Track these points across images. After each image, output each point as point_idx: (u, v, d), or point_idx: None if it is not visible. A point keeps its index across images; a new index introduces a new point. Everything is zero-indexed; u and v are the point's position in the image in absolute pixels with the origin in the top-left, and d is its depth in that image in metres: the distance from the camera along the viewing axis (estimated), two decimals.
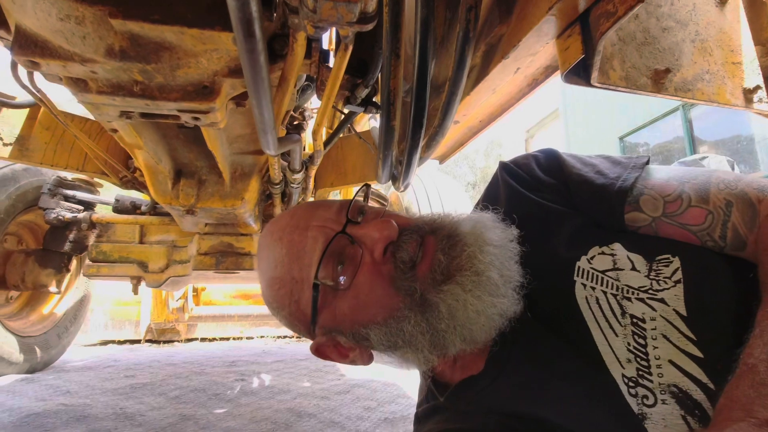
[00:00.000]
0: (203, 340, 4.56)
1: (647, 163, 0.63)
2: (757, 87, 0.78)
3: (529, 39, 0.67)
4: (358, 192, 0.61)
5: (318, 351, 0.59)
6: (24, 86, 1.02)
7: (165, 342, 4.33)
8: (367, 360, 0.60)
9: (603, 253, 0.56)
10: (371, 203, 0.65)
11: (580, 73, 0.68)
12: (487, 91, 0.85)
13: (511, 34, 0.71)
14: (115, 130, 1.19)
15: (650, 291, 0.53)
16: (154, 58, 0.76)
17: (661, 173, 0.61)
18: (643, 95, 0.73)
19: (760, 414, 0.37)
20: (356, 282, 0.53)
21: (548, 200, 0.63)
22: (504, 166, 0.70)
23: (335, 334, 0.57)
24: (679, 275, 0.53)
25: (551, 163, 0.67)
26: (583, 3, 0.60)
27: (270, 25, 0.82)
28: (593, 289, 0.55)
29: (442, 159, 1.51)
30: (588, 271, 0.56)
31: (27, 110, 1.45)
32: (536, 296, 0.56)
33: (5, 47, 0.97)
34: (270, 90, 0.55)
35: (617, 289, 0.54)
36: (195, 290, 4.41)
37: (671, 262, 0.55)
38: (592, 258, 0.57)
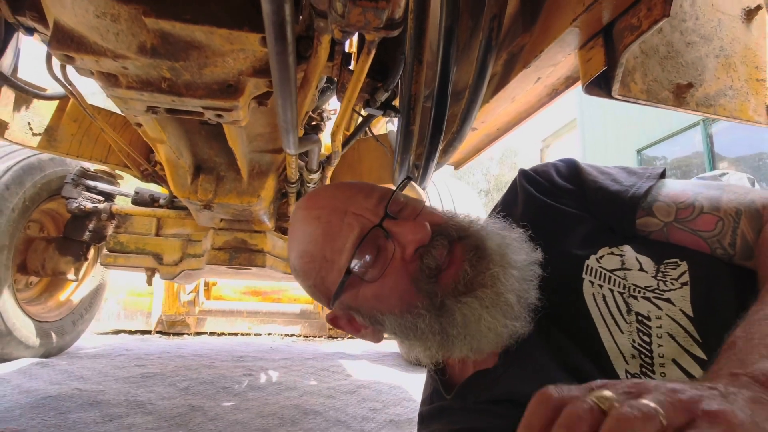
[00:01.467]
0: (212, 334, 4.62)
1: (663, 174, 0.65)
2: None
3: (552, 49, 0.68)
4: (399, 185, 0.62)
5: (333, 321, 0.64)
6: (56, 79, 1.05)
7: (175, 334, 4.39)
8: (377, 339, 0.65)
9: (612, 253, 0.58)
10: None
11: (601, 85, 0.69)
12: (506, 100, 0.86)
13: (533, 44, 0.72)
14: (139, 125, 1.23)
15: (656, 291, 0.55)
16: (183, 56, 0.78)
17: (675, 184, 0.63)
18: (664, 109, 0.73)
19: (742, 369, 0.34)
20: (384, 274, 0.55)
21: (564, 205, 0.65)
22: (523, 173, 0.72)
23: (353, 311, 0.60)
24: (686, 278, 0.55)
25: (570, 171, 0.69)
26: (608, 15, 0.61)
27: (296, 27, 0.85)
28: (600, 286, 0.57)
29: (458, 165, 1.51)
30: (596, 270, 0.58)
31: (56, 102, 1.49)
32: (547, 293, 0.58)
33: (42, 42, 1.01)
34: (296, 91, 0.56)
35: (624, 288, 0.56)
36: (206, 284, 4.47)
37: (678, 265, 0.56)
38: (601, 257, 0.59)
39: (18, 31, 1.03)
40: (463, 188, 2.30)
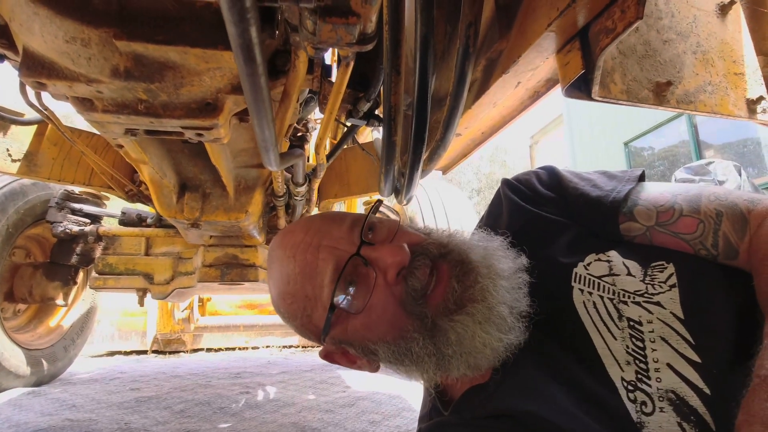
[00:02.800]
0: (209, 350, 4.56)
1: (642, 176, 0.66)
2: (761, 98, 0.78)
3: (529, 54, 0.67)
4: (371, 209, 0.62)
5: (327, 357, 0.63)
6: (31, 105, 1.03)
7: (171, 353, 4.33)
8: (374, 369, 0.63)
9: (599, 259, 0.59)
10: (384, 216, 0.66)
11: (581, 87, 0.68)
12: (488, 105, 0.86)
13: (511, 50, 0.71)
14: (120, 146, 1.21)
15: (645, 295, 0.55)
16: (158, 77, 0.77)
17: (654, 187, 0.63)
18: (645, 108, 0.73)
19: None
20: (369, 303, 0.54)
21: (548, 212, 0.65)
22: (506, 183, 0.72)
23: (345, 345, 0.59)
24: (673, 280, 0.55)
25: (551, 178, 0.69)
26: (582, 19, 0.60)
27: (272, 42, 0.83)
28: (590, 294, 0.57)
29: (445, 170, 1.51)
30: (585, 277, 0.58)
31: (35, 127, 1.47)
32: (537, 303, 0.57)
33: (14, 68, 0.99)
34: (271, 109, 0.55)
35: (613, 294, 0.56)
36: (201, 300, 4.43)
37: (665, 268, 0.56)
38: (588, 264, 0.59)
39: None
40: (453, 191, 2.30)
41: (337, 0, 0.45)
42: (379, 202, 0.64)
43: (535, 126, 12.58)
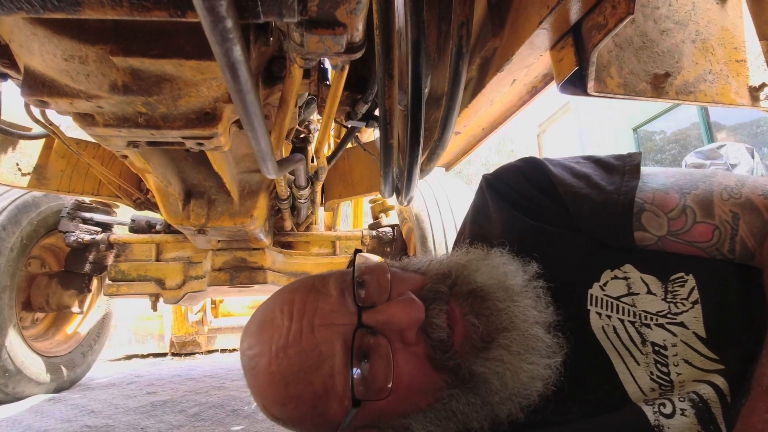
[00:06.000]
0: (223, 351, 4.62)
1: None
2: (764, 84, 0.76)
3: (523, 52, 0.67)
4: (352, 266, 0.52)
5: None
6: (37, 121, 1.05)
7: (186, 354, 4.40)
8: None
9: (616, 277, 0.54)
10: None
11: (576, 83, 0.68)
12: (485, 103, 0.85)
13: (504, 48, 0.71)
14: (125, 156, 1.22)
15: (669, 315, 0.51)
16: (156, 90, 0.78)
17: (657, 180, 0.57)
18: (643, 101, 0.72)
19: None
20: (396, 376, 0.46)
21: (544, 220, 0.60)
22: (489, 182, 0.66)
23: (368, 430, 0.50)
24: (696, 295, 0.51)
25: (538, 176, 0.63)
26: (574, 15, 0.60)
27: (267, 49, 0.84)
28: (609, 317, 0.52)
29: (448, 166, 1.50)
30: (602, 299, 0.53)
31: (43, 140, 1.50)
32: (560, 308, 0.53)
33: (17, 85, 1.01)
34: (264, 121, 0.56)
35: (635, 316, 0.52)
36: (213, 302, 4.48)
37: (686, 280, 0.52)
38: (605, 285, 0.54)
39: None
40: (459, 186, 2.29)
41: (322, 12, 0.45)
42: (357, 251, 0.55)
43: (542, 114, 12.44)
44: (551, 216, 0.60)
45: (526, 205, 0.62)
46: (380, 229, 2.23)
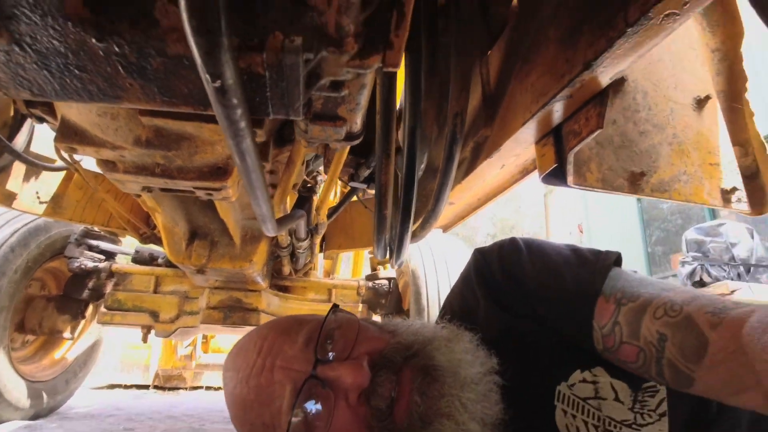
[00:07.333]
0: (208, 388, 4.50)
1: (618, 260, 0.60)
2: (735, 188, 0.82)
3: (509, 144, 0.73)
4: (326, 317, 0.56)
5: None
6: (63, 159, 1.13)
7: (170, 389, 4.29)
8: None
9: (584, 380, 0.55)
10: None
11: (558, 175, 0.74)
12: (477, 180, 0.91)
13: (494, 137, 0.78)
14: (138, 195, 1.30)
15: (633, 426, 0.51)
16: (176, 146, 0.85)
17: (617, 284, 0.56)
18: (620, 195, 0.77)
19: None
20: (331, 428, 0.50)
21: (514, 309, 0.61)
22: (476, 260, 0.67)
23: None
24: (664, 407, 0.52)
25: (513, 262, 0.63)
26: (556, 120, 0.66)
27: (274, 122, 0.92)
28: (574, 417, 0.53)
29: (446, 228, 1.55)
30: (569, 397, 0.54)
31: (64, 172, 1.59)
32: (516, 421, 0.54)
33: (51, 129, 1.10)
34: (266, 190, 0.61)
35: (599, 420, 0.52)
36: (205, 337, 4.43)
37: (658, 391, 0.53)
38: (572, 385, 0.55)
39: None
40: (458, 245, 2.33)
41: (325, 108, 0.51)
42: (335, 306, 0.58)
43: None
44: (519, 305, 0.61)
45: (499, 290, 0.63)
46: (377, 281, 2.25)
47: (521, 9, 0.77)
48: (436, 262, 2.02)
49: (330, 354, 0.53)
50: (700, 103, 0.89)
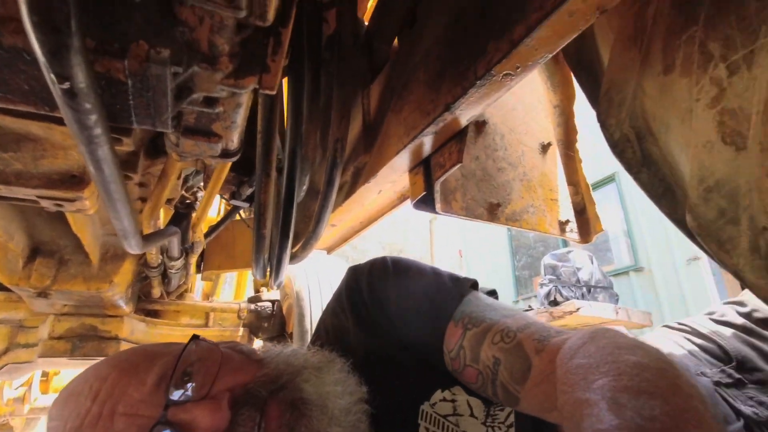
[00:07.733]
0: None
1: (474, 285, 0.64)
2: (568, 221, 0.99)
3: (385, 171, 0.79)
4: (183, 351, 0.50)
5: None
6: None
7: None
8: None
9: (444, 399, 0.59)
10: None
11: (428, 202, 0.81)
12: (357, 204, 0.95)
13: (372, 164, 0.82)
14: None
15: None
16: (14, 147, 0.74)
17: (467, 309, 0.58)
18: (480, 223, 0.88)
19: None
20: None
21: (383, 335, 0.63)
22: (348, 279, 0.68)
23: None
24: (512, 419, 0.59)
25: (378, 285, 0.64)
26: (425, 152, 0.73)
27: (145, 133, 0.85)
28: None
29: (330, 250, 1.57)
30: (431, 415, 0.58)
31: None
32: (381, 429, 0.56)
33: None
34: (128, 202, 0.56)
35: None
36: (45, 374, 3.71)
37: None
38: (434, 404, 0.59)
39: None
40: (344, 267, 2.36)
41: (198, 122, 0.50)
42: (195, 337, 0.53)
43: None
44: (383, 327, 0.63)
45: (367, 312, 0.64)
46: (259, 303, 2.16)
47: (400, 48, 0.84)
48: (321, 284, 2.02)
49: (185, 393, 0.47)
50: (545, 148, 1.06)
